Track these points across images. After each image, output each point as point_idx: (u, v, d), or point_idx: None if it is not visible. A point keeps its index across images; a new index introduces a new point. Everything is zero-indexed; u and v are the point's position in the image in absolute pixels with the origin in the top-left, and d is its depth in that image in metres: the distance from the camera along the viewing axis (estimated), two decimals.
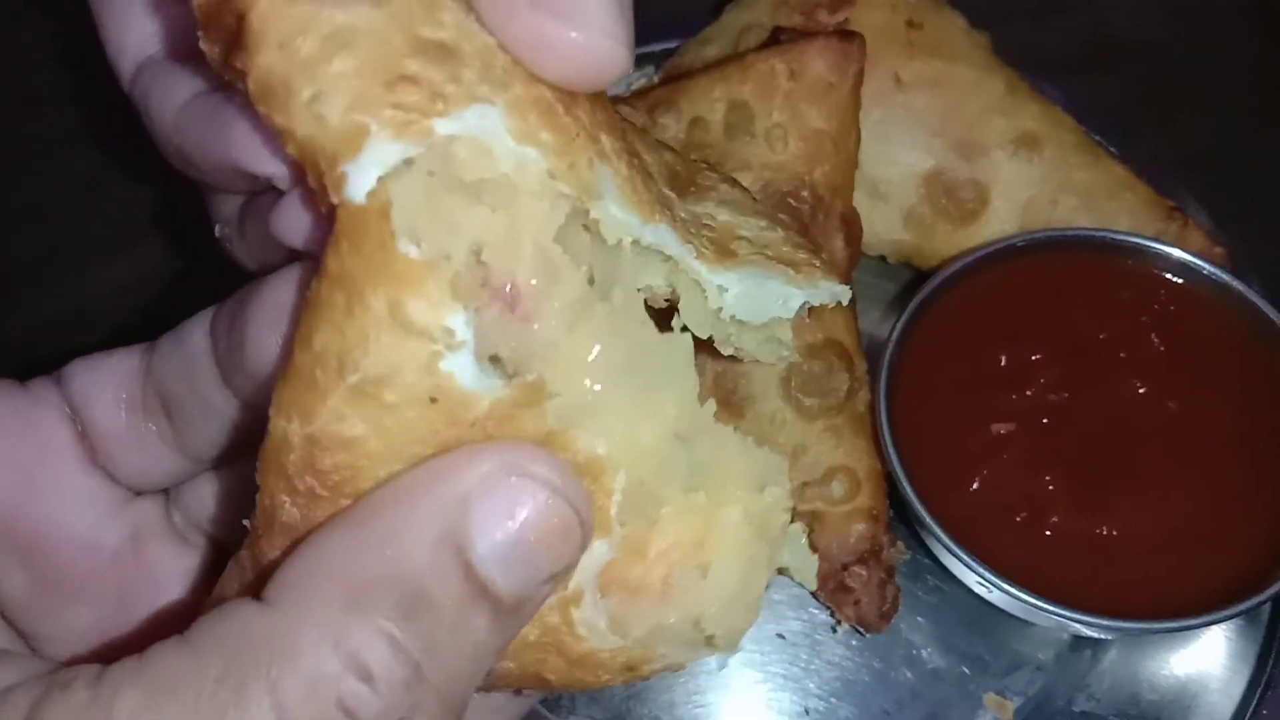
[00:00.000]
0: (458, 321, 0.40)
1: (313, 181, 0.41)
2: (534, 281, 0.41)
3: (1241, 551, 0.77)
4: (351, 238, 0.39)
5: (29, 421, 0.49)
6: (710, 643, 0.46)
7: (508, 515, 0.40)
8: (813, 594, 0.84)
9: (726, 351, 0.56)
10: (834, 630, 0.84)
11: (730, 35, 0.97)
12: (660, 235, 0.47)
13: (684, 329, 0.47)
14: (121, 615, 0.51)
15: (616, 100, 0.90)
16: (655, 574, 0.45)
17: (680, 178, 0.58)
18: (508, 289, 0.41)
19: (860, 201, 0.93)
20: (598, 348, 0.43)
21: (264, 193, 0.51)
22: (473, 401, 0.41)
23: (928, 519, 0.77)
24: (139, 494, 0.53)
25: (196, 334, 0.49)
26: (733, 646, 0.46)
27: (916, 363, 0.83)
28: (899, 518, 0.84)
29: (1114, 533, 0.77)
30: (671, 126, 0.87)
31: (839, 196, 0.86)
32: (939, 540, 0.77)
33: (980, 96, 0.93)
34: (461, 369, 0.41)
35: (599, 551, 0.44)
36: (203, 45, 0.42)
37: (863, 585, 0.80)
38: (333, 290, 0.40)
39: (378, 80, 0.39)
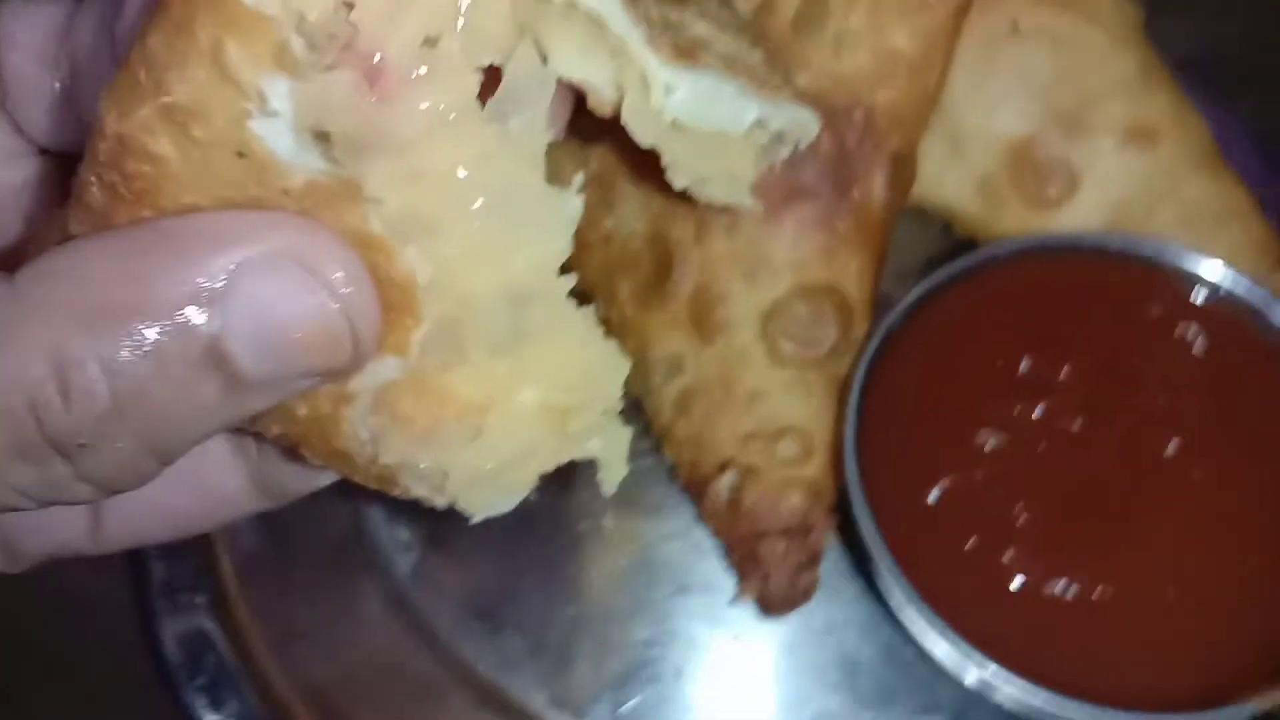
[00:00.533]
0: (276, 88, 0.36)
1: None
2: (418, 70, 0.36)
3: (1229, 648, 0.65)
4: None
5: None
6: (452, 500, 0.43)
7: (273, 304, 0.37)
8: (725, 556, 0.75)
9: (677, 182, 0.50)
10: (730, 602, 0.75)
11: None
12: (603, 3, 0.42)
13: (577, 193, 0.41)
14: None
15: None
16: (426, 414, 0.41)
17: None
18: (376, 58, 0.36)
19: (934, 152, 0.81)
20: (462, 171, 0.38)
21: None
22: (284, 171, 0.37)
23: (857, 508, 0.67)
24: (42, 152, 0.51)
25: (122, 25, 0.44)
26: (474, 513, 0.43)
27: (915, 341, 0.72)
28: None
29: (1073, 588, 0.66)
30: (740, 5, 0.76)
31: (898, 131, 0.75)
32: (866, 543, 0.67)
33: (1105, 70, 0.80)
34: (273, 136, 0.37)
35: (388, 366, 0.41)
36: None
37: (776, 561, 0.71)
38: (170, 5, 0.35)
39: None
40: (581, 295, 0.43)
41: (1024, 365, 0.71)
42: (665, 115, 0.46)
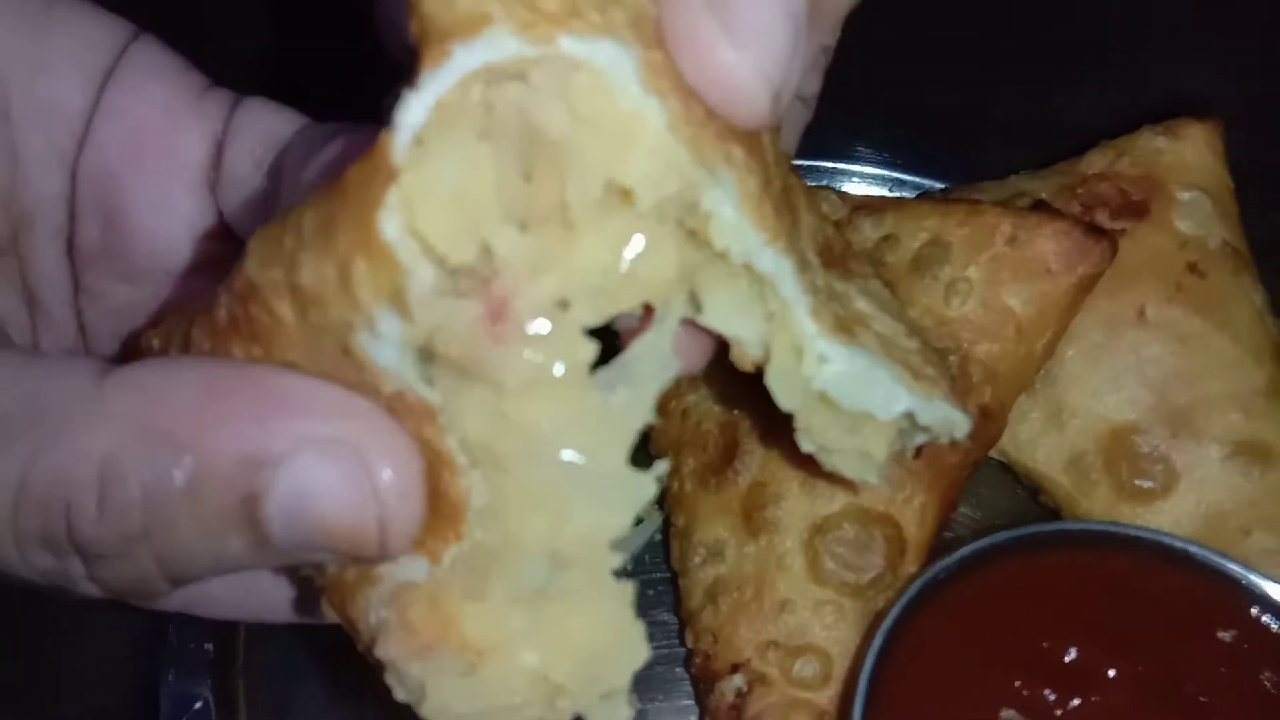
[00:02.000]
0: (389, 323, 0.38)
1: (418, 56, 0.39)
2: (541, 326, 0.38)
3: None
4: (361, 172, 0.37)
5: (179, 121, 0.52)
6: (420, 712, 0.42)
7: (318, 487, 0.38)
8: None
9: (805, 447, 0.50)
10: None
11: (1002, 193, 0.87)
12: (778, 266, 0.43)
13: (658, 503, 0.42)
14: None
15: None
16: (430, 631, 0.41)
17: (832, 252, 0.53)
18: (504, 303, 0.38)
19: (1033, 418, 0.80)
20: (547, 429, 0.39)
21: None
22: (380, 377, 0.39)
23: None
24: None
25: (321, 159, 0.49)
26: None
27: (962, 598, 0.70)
28: None
29: None
30: (865, 231, 0.79)
31: (992, 386, 0.74)
32: None
33: (1228, 380, 0.78)
34: (375, 349, 0.39)
35: (418, 568, 0.41)
36: None
37: None
38: (330, 196, 0.39)
39: None
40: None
41: (1070, 654, 0.68)
42: (814, 385, 0.46)
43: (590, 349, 0.38)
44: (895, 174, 0.95)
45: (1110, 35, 0.89)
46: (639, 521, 0.82)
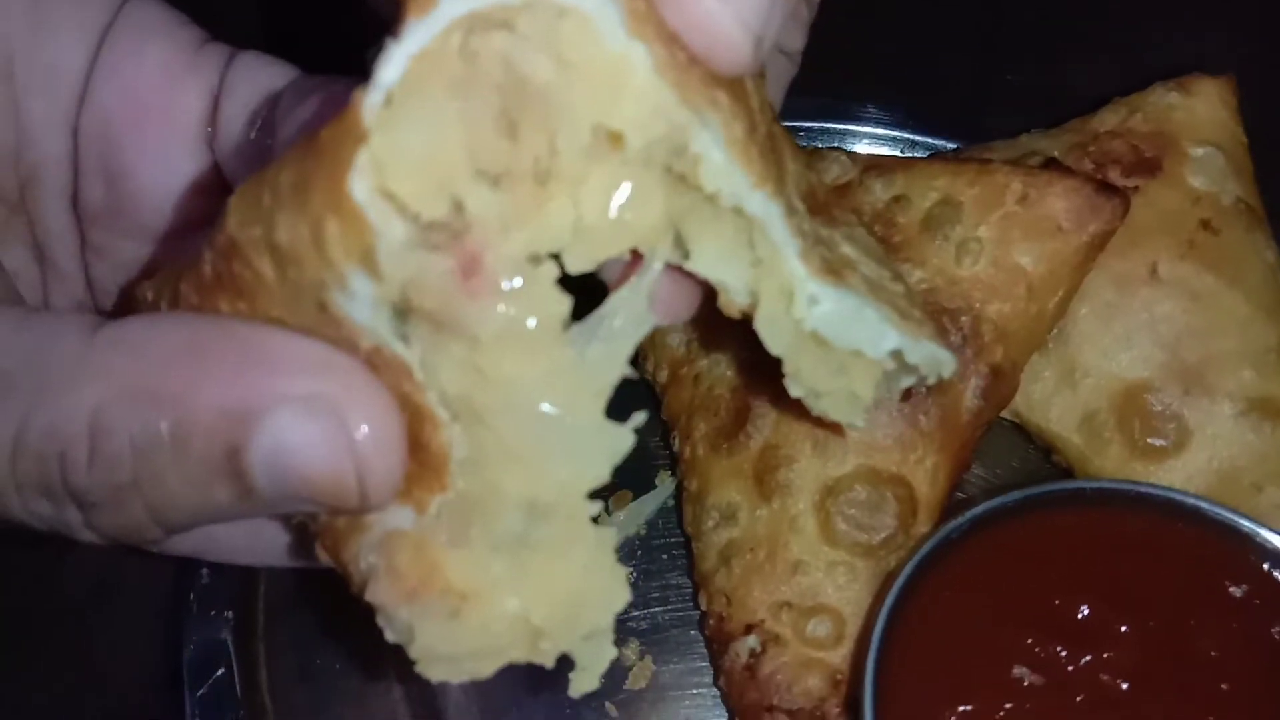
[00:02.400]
0: (360, 281, 0.39)
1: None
2: (513, 281, 0.38)
3: None
4: (334, 133, 0.37)
5: (176, 79, 0.53)
6: (414, 658, 0.43)
7: (299, 443, 0.40)
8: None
9: (794, 391, 0.51)
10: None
11: (1014, 152, 0.87)
12: (766, 209, 0.43)
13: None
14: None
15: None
16: (415, 577, 0.42)
17: (815, 199, 0.53)
18: (476, 258, 0.38)
19: (1046, 378, 0.80)
20: (523, 383, 0.40)
21: None
22: (358, 332, 0.40)
23: (866, 712, 0.64)
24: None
25: (304, 113, 0.50)
26: (430, 677, 0.43)
27: (974, 557, 0.70)
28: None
29: None
30: (876, 191, 0.79)
31: (1004, 345, 0.74)
32: None
33: (1241, 337, 0.77)
34: (349, 306, 0.40)
35: (404, 516, 0.42)
36: None
37: None
38: (305, 156, 0.39)
39: None
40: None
41: (1082, 611, 0.68)
42: (805, 325, 0.46)
43: (564, 303, 0.39)
44: (906, 135, 0.95)
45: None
46: (652, 487, 0.82)
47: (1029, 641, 0.67)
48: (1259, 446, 0.75)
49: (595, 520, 0.42)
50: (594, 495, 0.41)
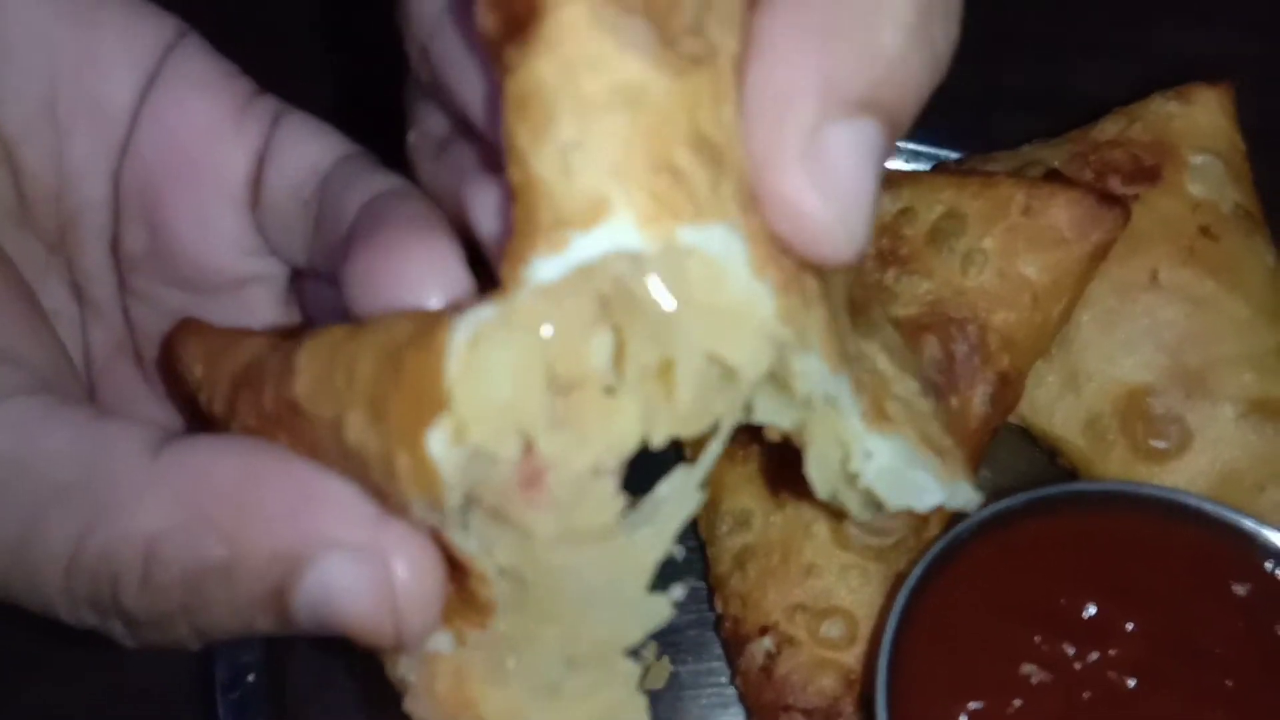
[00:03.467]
0: (423, 507, 0.40)
1: (517, 217, 0.38)
2: (561, 491, 0.39)
3: None
4: (418, 367, 0.38)
5: (220, 136, 0.53)
6: None
7: (342, 588, 0.41)
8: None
9: (820, 496, 0.51)
10: None
11: (1016, 163, 0.89)
12: (840, 388, 0.44)
13: (671, 605, 0.44)
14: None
15: None
16: (453, 705, 0.44)
17: (856, 304, 0.54)
18: (539, 474, 0.39)
19: (1050, 383, 0.82)
20: (573, 568, 0.41)
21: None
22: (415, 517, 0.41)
23: (879, 710, 0.66)
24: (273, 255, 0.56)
25: (353, 200, 0.50)
26: None
27: (982, 558, 0.72)
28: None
29: None
30: (883, 204, 0.80)
31: (1010, 353, 0.76)
32: None
33: (1241, 340, 0.79)
34: (413, 508, 0.41)
35: (444, 640, 0.44)
36: (480, 7, 0.38)
37: None
38: (385, 364, 0.39)
39: (647, 158, 0.36)
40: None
41: (1089, 610, 0.70)
42: (861, 482, 0.47)
43: (619, 505, 0.40)
44: (910, 145, 0.97)
45: (1122, 2, 0.90)
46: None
47: (1036, 640, 0.69)
48: (1261, 448, 0.77)
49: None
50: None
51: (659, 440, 0.40)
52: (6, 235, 0.53)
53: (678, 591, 0.43)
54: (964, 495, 0.53)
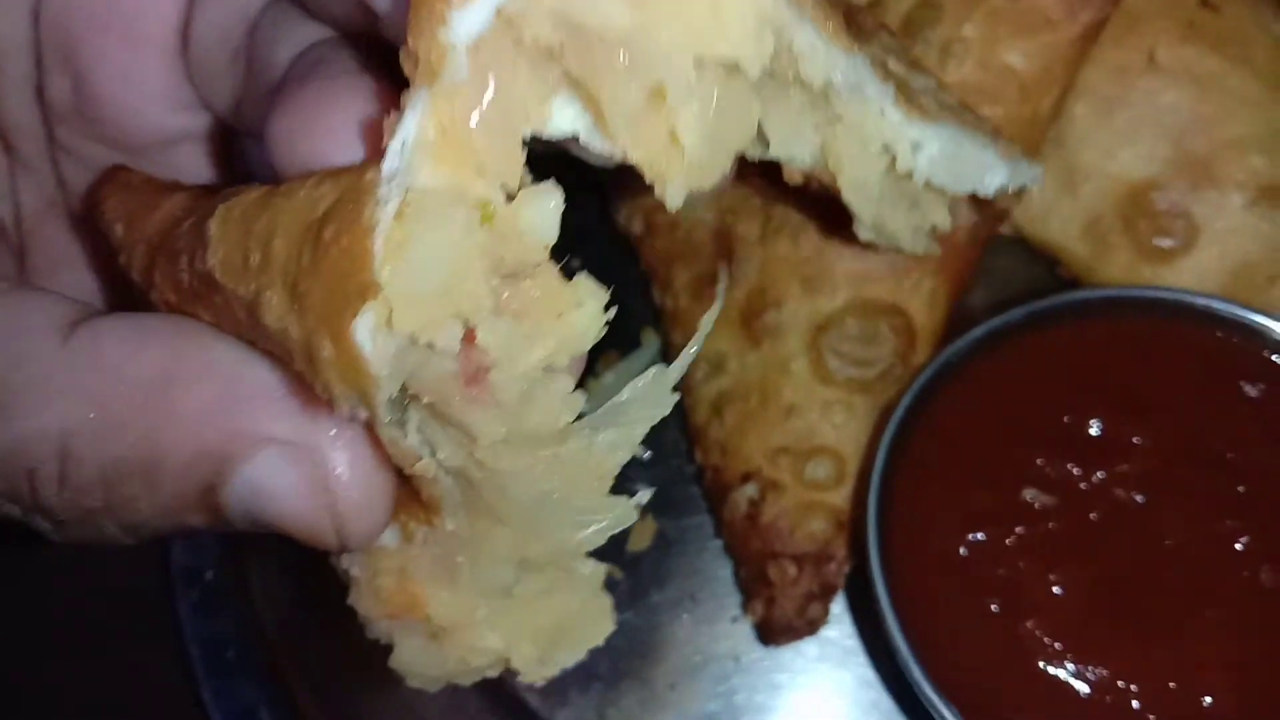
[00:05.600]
0: (350, 402, 0.35)
1: None
2: (519, 390, 0.35)
3: None
4: (340, 252, 0.33)
5: None
6: (392, 660, 0.43)
7: (275, 487, 0.38)
8: (735, 572, 0.71)
9: (866, 236, 0.50)
10: (731, 620, 0.71)
11: None
12: (859, 71, 0.41)
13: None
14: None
15: None
16: (397, 603, 0.41)
17: (848, 15, 0.48)
18: (482, 370, 0.35)
19: (1046, 185, 0.75)
20: (523, 473, 0.37)
21: None
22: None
23: (871, 546, 0.62)
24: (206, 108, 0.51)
25: (283, 51, 0.44)
26: (406, 679, 0.44)
27: (977, 380, 0.67)
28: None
29: (1094, 676, 0.59)
30: None
31: None
32: (874, 585, 0.62)
33: (1249, 120, 0.72)
34: (340, 399, 0.35)
35: (388, 533, 0.41)
36: None
37: (785, 586, 0.67)
38: (304, 242, 0.34)
39: None
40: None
41: (1093, 426, 0.65)
42: (918, 175, 0.44)
43: (574, 409, 0.36)
44: None
45: None
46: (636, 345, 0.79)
47: (1039, 462, 0.64)
48: (1272, 236, 0.71)
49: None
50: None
51: (674, 199, 0.35)
52: None
53: (643, 495, 0.40)
54: (1028, 171, 0.51)
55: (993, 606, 0.61)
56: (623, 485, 0.40)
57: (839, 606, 0.70)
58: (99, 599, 0.75)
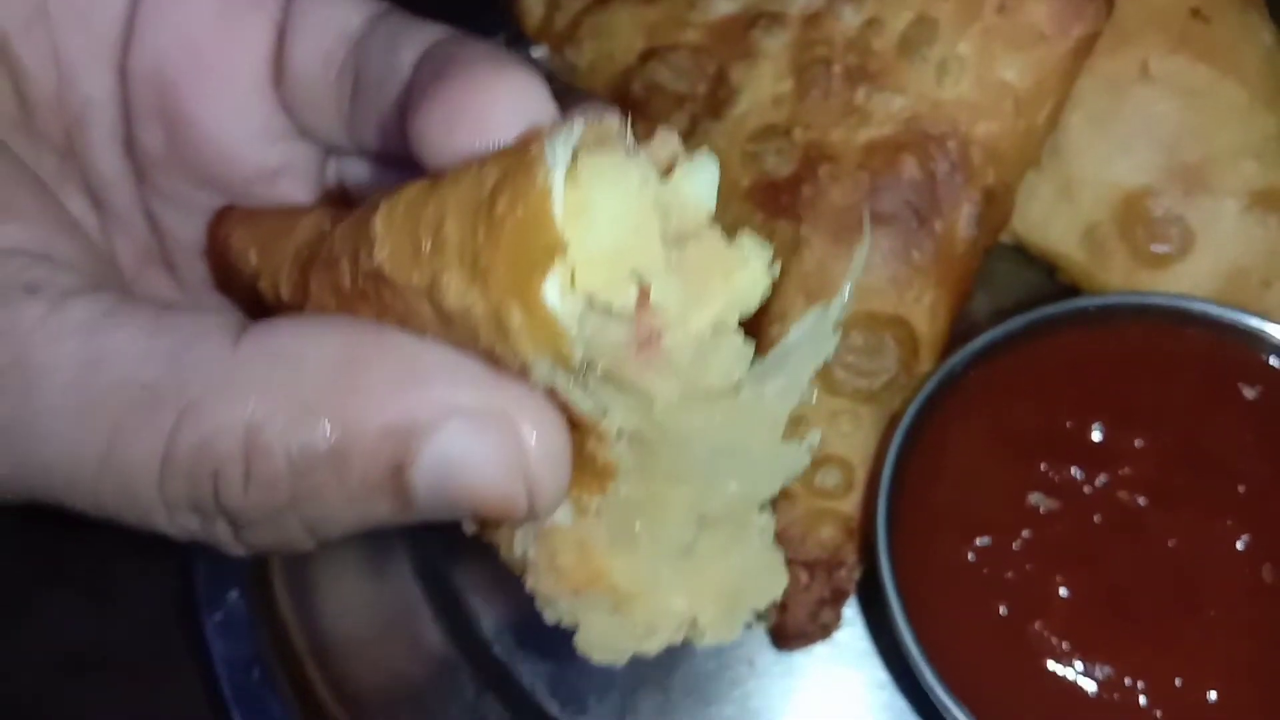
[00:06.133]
0: (543, 365, 0.36)
1: None
2: (692, 353, 0.35)
3: None
4: (518, 220, 0.34)
5: (235, 15, 0.48)
6: (575, 642, 0.43)
7: (466, 461, 0.37)
8: None
9: None
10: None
11: None
12: None
13: (808, 451, 0.40)
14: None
15: None
16: (580, 577, 0.41)
17: None
18: (655, 334, 0.35)
19: (1042, 194, 0.77)
20: (698, 430, 0.37)
21: None
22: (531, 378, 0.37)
23: (881, 554, 0.64)
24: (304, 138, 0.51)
25: (405, 55, 0.44)
26: (593, 659, 0.43)
27: (980, 388, 0.68)
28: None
29: (1101, 675, 0.61)
30: (846, 17, 0.74)
31: (994, 167, 0.71)
32: (884, 591, 0.64)
33: (1241, 128, 0.74)
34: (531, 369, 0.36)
35: (563, 511, 0.41)
36: None
37: (797, 592, 0.68)
38: (477, 219, 0.35)
39: None
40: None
41: (1095, 431, 0.67)
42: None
43: (745, 362, 0.36)
44: None
45: None
46: None
47: (1042, 468, 0.66)
48: (1266, 241, 0.72)
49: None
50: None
51: None
52: (19, 146, 0.47)
53: (815, 436, 0.40)
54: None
55: (1001, 609, 0.63)
56: None
57: (851, 610, 0.71)
58: (120, 624, 0.76)
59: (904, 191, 0.70)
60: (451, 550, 0.76)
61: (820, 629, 0.68)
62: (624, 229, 0.34)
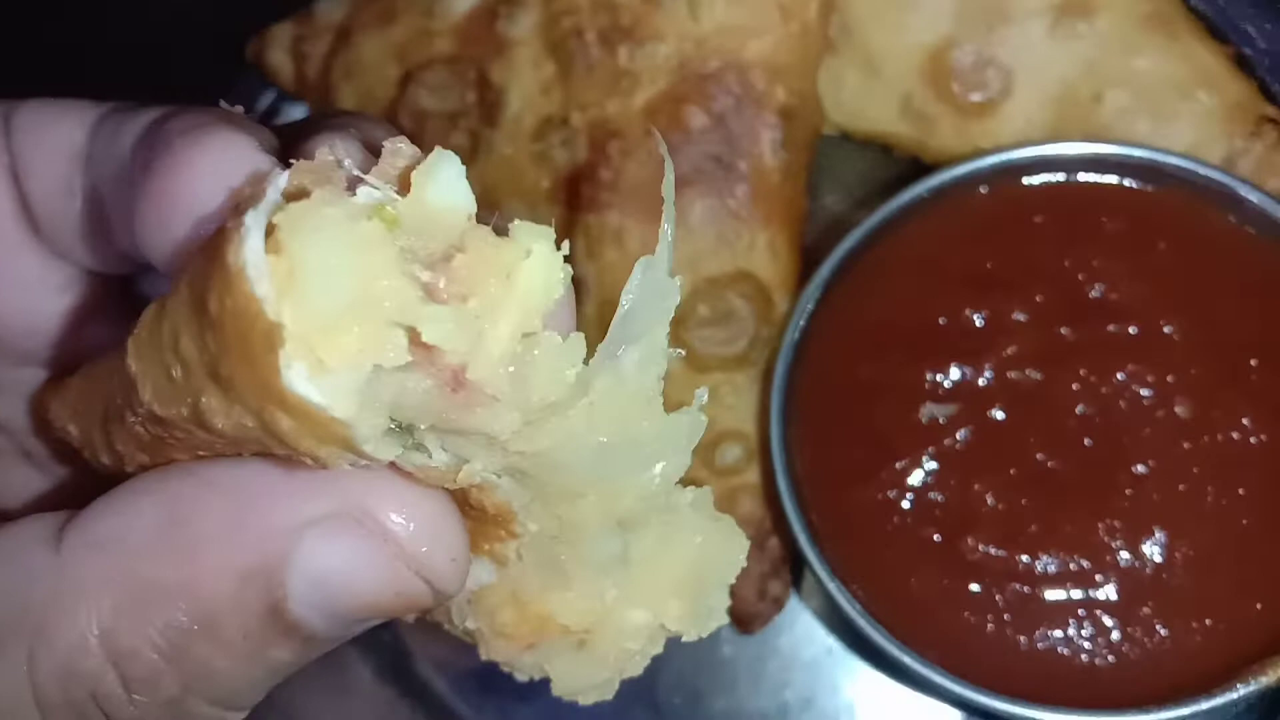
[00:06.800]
0: (340, 457, 0.31)
1: None
2: (504, 371, 0.30)
3: (1244, 625, 0.58)
4: (235, 320, 0.29)
5: None
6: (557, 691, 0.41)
7: (340, 570, 0.34)
8: None
9: None
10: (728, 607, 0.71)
11: None
12: None
13: (699, 410, 0.35)
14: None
15: None
16: (528, 631, 0.39)
17: None
18: (458, 373, 0.30)
19: (849, 81, 0.72)
20: (565, 439, 0.33)
21: None
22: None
23: (791, 516, 0.61)
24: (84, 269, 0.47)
25: (126, 138, 0.39)
26: (581, 703, 0.41)
27: (845, 309, 0.65)
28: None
29: (1060, 580, 0.59)
30: None
31: (781, 81, 0.66)
32: (803, 551, 0.62)
33: None
34: (340, 460, 0.32)
35: (483, 569, 0.38)
36: None
37: (739, 575, 0.66)
38: (204, 327, 0.30)
39: None
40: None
41: (969, 317, 0.63)
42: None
43: (578, 355, 0.31)
44: None
45: None
46: None
47: (928, 376, 0.63)
48: (1082, 52, 0.68)
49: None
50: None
51: None
52: None
53: (701, 394, 0.35)
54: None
55: (934, 537, 0.61)
56: None
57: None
58: None
59: (698, 144, 0.65)
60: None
61: (773, 603, 0.67)
62: (351, 277, 0.29)
